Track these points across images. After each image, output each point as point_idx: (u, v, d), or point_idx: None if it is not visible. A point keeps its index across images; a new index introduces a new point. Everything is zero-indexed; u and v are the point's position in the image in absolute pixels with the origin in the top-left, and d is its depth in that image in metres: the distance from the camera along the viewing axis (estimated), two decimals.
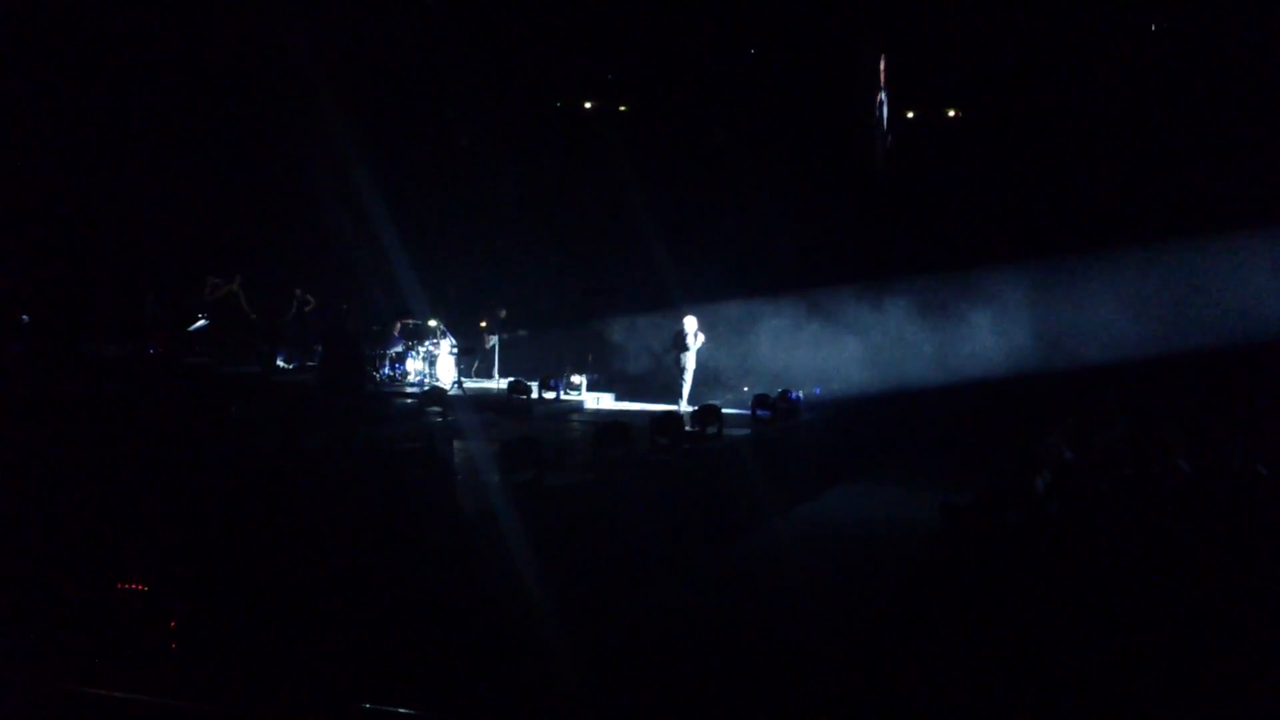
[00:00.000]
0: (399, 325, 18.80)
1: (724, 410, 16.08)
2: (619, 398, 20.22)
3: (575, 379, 19.35)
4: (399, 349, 18.69)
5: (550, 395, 18.38)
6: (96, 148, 19.74)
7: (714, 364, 20.56)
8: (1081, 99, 21.83)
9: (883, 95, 23.78)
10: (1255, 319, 19.35)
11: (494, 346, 19.53)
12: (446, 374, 18.28)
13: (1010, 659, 7.10)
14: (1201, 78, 20.68)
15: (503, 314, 19.86)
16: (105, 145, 19.84)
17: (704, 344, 18.84)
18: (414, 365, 18.52)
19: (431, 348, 18.50)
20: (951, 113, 23.95)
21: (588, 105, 25.15)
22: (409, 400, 16.53)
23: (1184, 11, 21.20)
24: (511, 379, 18.26)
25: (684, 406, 17.98)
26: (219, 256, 20.39)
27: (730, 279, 22.21)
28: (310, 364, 18.07)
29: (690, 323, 18.71)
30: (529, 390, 17.83)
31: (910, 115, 24.16)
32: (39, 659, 7.33)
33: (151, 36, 19.98)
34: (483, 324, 20.00)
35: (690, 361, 18.65)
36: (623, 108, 25.02)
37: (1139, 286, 20.67)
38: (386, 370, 18.57)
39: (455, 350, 18.56)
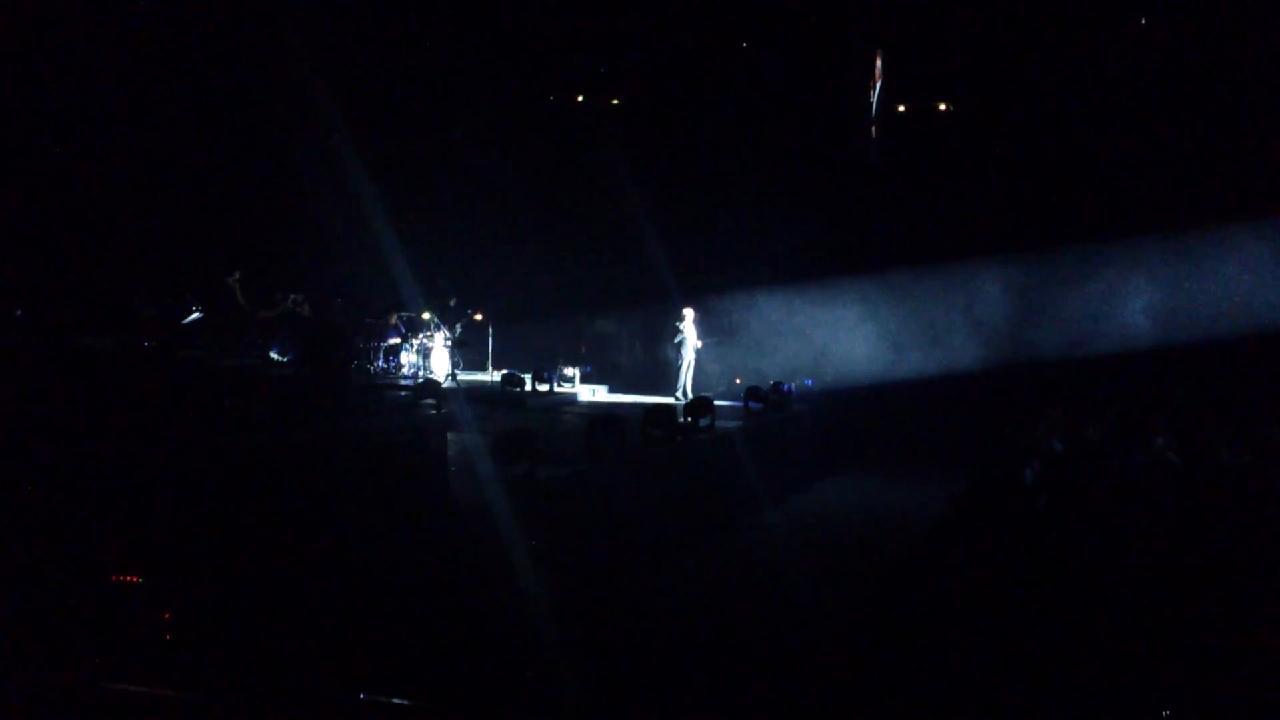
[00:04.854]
0: (393, 318, 18.82)
1: (717, 402, 16.14)
2: (613, 390, 20.26)
3: (568, 371, 19.36)
4: (393, 341, 18.70)
5: (544, 387, 18.42)
6: (89, 142, 19.69)
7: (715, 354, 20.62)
8: (1067, 95, 21.89)
9: (877, 85, 23.82)
10: (1243, 311, 19.46)
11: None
12: (440, 366, 18.30)
13: (1000, 650, 7.15)
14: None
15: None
16: (98, 139, 19.80)
17: (701, 346, 18.93)
18: (408, 357, 18.54)
19: (425, 340, 18.51)
20: (942, 106, 24.00)
21: (580, 99, 25.15)
22: (402, 392, 16.54)
23: None
24: (505, 371, 18.30)
25: (680, 398, 18.04)
26: (213, 249, 20.37)
27: (724, 271, 22.26)
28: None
29: (688, 314, 18.77)
30: (522, 383, 17.86)
31: (901, 109, 24.19)
32: (34, 650, 7.35)
33: (143, 31, 19.94)
34: (477, 316, 19.97)
35: (688, 353, 18.70)
36: (615, 101, 25.02)
37: (1127, 281, 20.75)
38: (380, 363, 18.59)
39: (449, 343, 18.58)
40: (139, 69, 20.03)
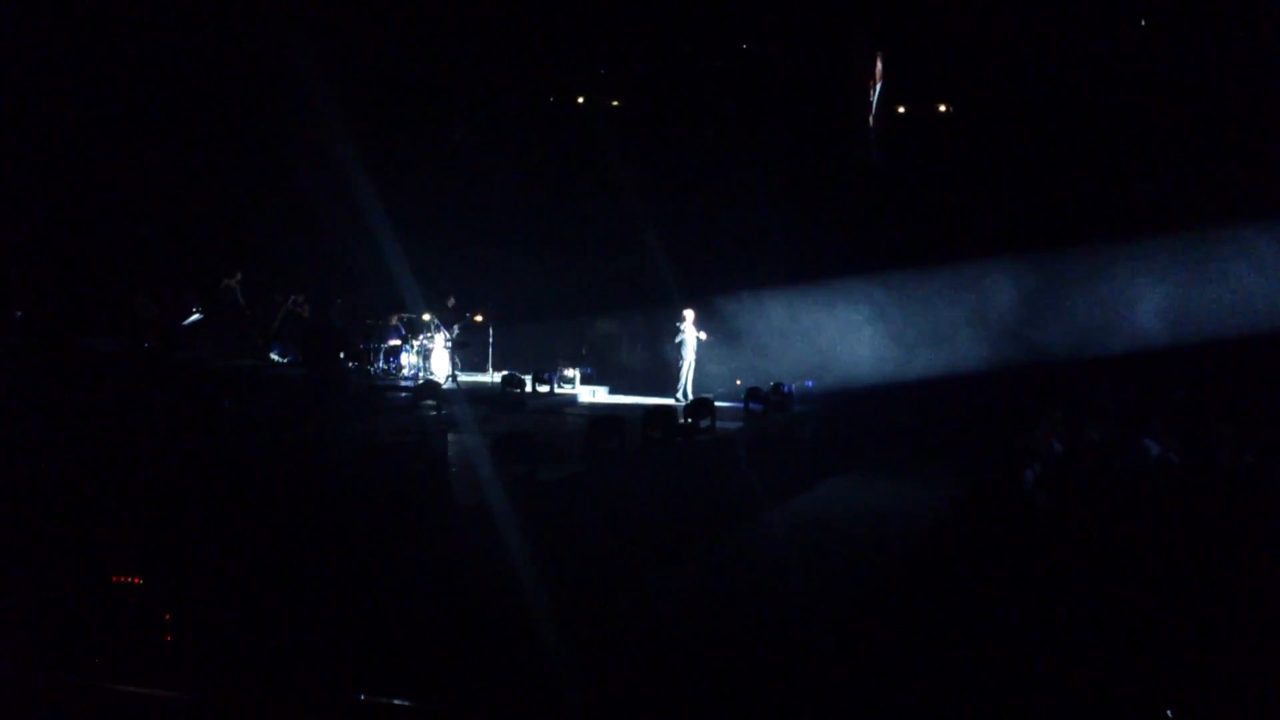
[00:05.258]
0: (393, 319, 18.83)
1: (717, 403, 16.14)
2: (613, 391, 20.27)
3: (569, 372, 19.38)
4: (393, 342, 18.72)
5: (544, 389, 18.42)
6: (90, 143, 19.70)
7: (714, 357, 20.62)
8: (1076, 94, 21.85)
9: (878, 85, 23.83)
10: (1251, 311, 19.41)
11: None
12: (441, 367, 18.32)
13: (1001, 650, 7.16)
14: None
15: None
16: (99, 140, 19.81)
17: (705, 339, 18.94)
18: (408, 359, 18.56)
19: (426, 341, 18.53)
20: (942, 107, 23.99)
21: (580, 100, 25.16)
22: (403, 394, 16.55)
23: None
24: (505, 372, 18.30)
25: (680, 399, 18.05)
26: (213, 251, 20.38)
27: (725, 272, 22.27)
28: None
29: (688, 315, 18.79)
30: (523, 384, 17.87)
31: (909, 109, 24.19)
32: (34, 652, 7.35)
33: (143, 31, 19.95)
34: (477, 317, 19.98)
35: (689, 354, 18.71)
36: (615, 102, 25.03)
37: (1135, 282, 20.71)
38: (381, 364, 18.59)
39: (450, 344, 18.60)
40: (140, 70, 20.04)
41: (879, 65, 23.85)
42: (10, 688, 6.14)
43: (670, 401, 17.86)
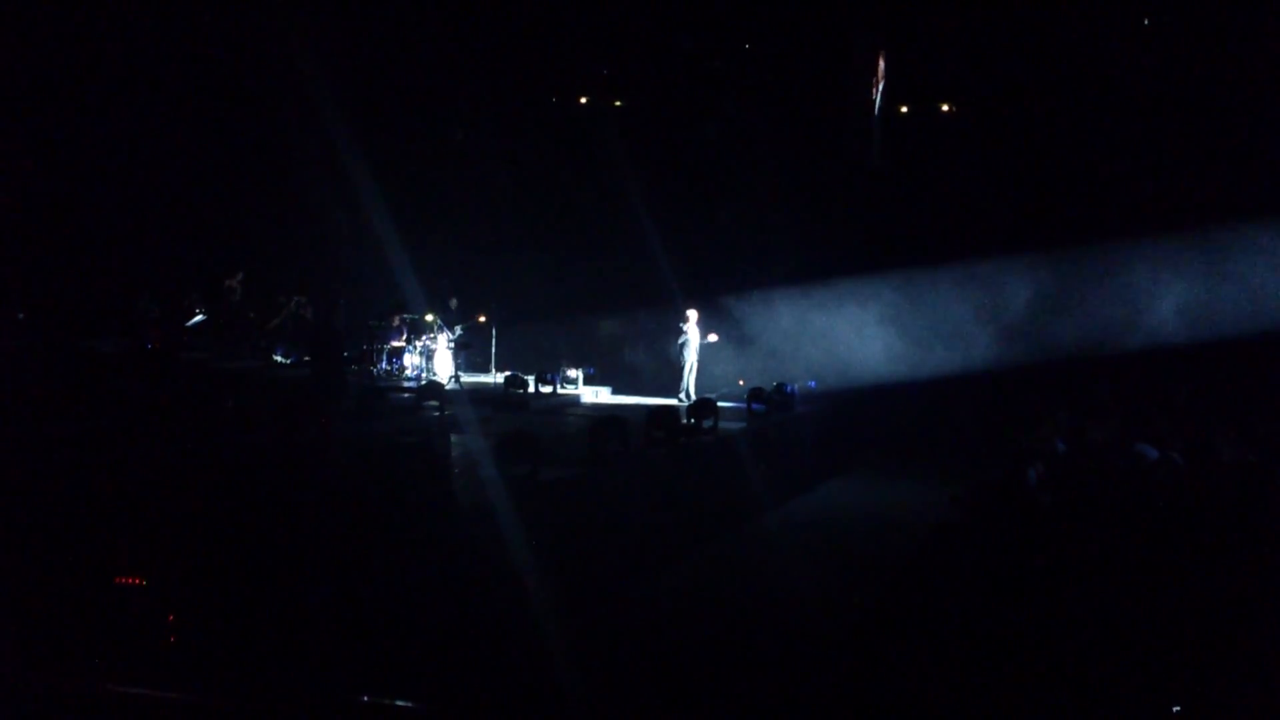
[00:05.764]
0: (396, 320, 18.83)
1: (720, 404, 16.14)
2: (616, 391, 20.28)
3: (571, 373, 19.38)
4: (396, 343, 18.72)
5: (547, 389, 18.43)
6: (92, 144, 19.72)
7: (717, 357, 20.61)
8: (1088, 93, 21.79)
9: (879, 84, 23.81)
10: (1261, 312, 19.34)
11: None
12: (443, 368, 18.33)
13: (1004, 651, 7.15)
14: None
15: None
16: (100, 141, 19.83)
17: (715, 340, 18.96)
18: (411, 359, 18.57)
19: (429, 342, 18.54)
20: (950, 106, 23.97)
21: (583, 100, 25.17)
22: (406, 395, 16.56)
23: None
24: (508, 373, 18.31)
25: (684, 399, 18.05)
26: (215, 252, 20.41)
27: (731, 273, 22.27)
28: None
29: (691, 316, 18.79)
30: (526, 384, 17.87)
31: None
32: (37, 653, 7.36)
33: (143, 32, 19.97)
34: (480, 318, 19.98)
35: (691, 354, 18.71)
36: (618, 102, 25.04)
37: (1148, 281, 20.65)
38: (384, 365, 18.60)
39: (453, 344, 18.61)
40: (141, 70, 20.05)
41: (881, 63, 23.83)
42: (12, 688, 6.14)
43: (673, 402, 17.86)
